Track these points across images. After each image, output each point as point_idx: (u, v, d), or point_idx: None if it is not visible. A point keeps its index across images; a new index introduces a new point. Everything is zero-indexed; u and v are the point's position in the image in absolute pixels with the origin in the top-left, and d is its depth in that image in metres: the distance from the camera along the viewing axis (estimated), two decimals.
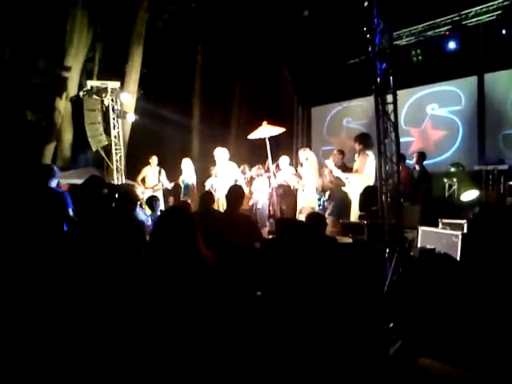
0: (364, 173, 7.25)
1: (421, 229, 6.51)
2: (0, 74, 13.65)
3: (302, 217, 7.91)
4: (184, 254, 2.38)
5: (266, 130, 9.20)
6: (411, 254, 5.91)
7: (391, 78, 5.50)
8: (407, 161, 9.36)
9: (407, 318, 4.83)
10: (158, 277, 2.43)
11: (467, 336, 4.12)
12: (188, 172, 10.09)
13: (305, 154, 8.68)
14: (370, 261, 5.46)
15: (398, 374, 3.83)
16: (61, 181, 7.18)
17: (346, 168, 8.05)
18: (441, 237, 6.21)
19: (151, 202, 6.92)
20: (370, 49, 5.61)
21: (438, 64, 10.80)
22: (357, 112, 12.96)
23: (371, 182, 7.02)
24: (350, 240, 5.92)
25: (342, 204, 8.10)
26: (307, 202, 8.40)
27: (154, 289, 2.41)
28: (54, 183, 5.29)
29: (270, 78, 15.44)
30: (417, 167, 9.09)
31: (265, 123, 9.23)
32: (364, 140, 7.45)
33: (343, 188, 8.07)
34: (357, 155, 7.53)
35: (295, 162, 9.04)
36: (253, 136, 9.44)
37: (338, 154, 8.60)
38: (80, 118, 10.24)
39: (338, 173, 8.14)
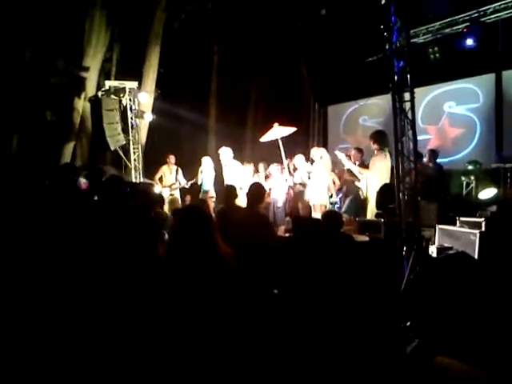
0: (376, 171, 7.24)
1: (438, 227, 6.49)
2: (20, 74, 13.84)
3: (315, 215, 7.95)
4: (202, 252, 2.40)
5: (277, 131, 9.23)
6: (428, 252, 5.90)
7: (408, 75, 5.51)
8: None
9: (424, 317, 4.83)
10: (177, 275, 2.47)
11: (484, 335, 4.11)
12: (207, 171, 10.14)
13: (318, 152, 8.70)
14: (386, 259, 5.47)
15: (416, 373, 3.84)
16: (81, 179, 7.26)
17: (364, 166, 8.05)
18: (458, 235, 6.19)
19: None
20: (387, 47, 5.61)
21: (456, 61, 10.72)
22: (373, 110, 12.92)
23: (387, 181, 7.02)
24: (367, 238, 5.93)
25: (357, 201, 8.12)
26: (318, 200, 8.41)
27: (174, 287, 2.44)
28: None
29: (286, 77, 15.44)
30: (430, 165, 9.04)
31: (276, 125, 9.26)
32: (379, 138, 7.44)
33: (357, 183, 8.09)
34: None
35: (311, 161, 9.04)
36: (265, 138, 9.49)
37: (357, 153, 8.61)
38: (98, 117, 10.36)
39: (349, 165, 8.17)
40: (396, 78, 5.47)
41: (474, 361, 3.68)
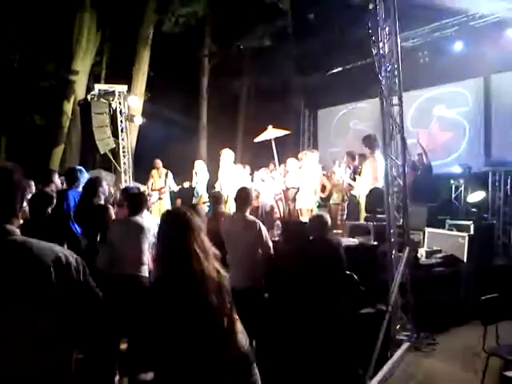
0: (368, 175, 7.24)
1: (427, 230, 6.52)
2: (9, 77, 13.76)
3: (302, 219, 7.96)
4: (176, 263, 2.32)
5: (271, 133, 9.27)
6: (418, 255, 5.92)
7: (397, 80, 5.52)
8: None
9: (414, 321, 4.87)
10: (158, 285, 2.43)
11: None
12: (201, 174, 10.07)
13: (305, 156, 8.73)
14: (375, 262, 5.48)
15: None
16: None
17: (357, 170, 8.09)
18: (447, 238, 6.22)
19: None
20: (375, 51, 5.62)
21: (445, 65, 10.77)
22: (363, 114, 12.95)
23: (381, 181, 7.03)
24: (356, 241, 5.93)
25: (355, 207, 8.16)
26: (305, 204, 8.42)
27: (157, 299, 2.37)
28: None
29: (276, 81, 15.46)
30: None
31: (270, 127, 9.30)
32: (370, 142, 7.45)
33: (352, 192, 8.13)
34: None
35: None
36: (259, 139, 9.51)
37: (351, 158, 8.68)
38: (88, 121, 10.32)
39: (346, 179, 8.21)
40: (384, 82, 5.47)
41: None
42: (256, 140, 9.64)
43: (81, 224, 5.06)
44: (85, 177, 5.53)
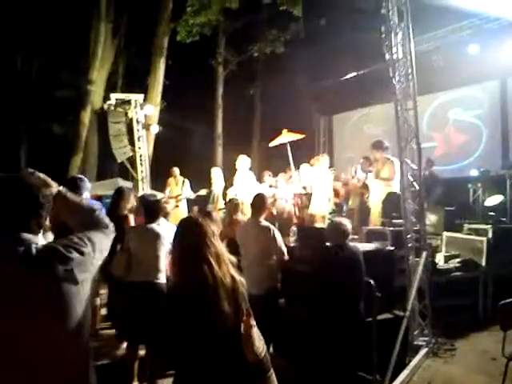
0: (393, 179, 7.19)
1: (445, 235, 6.46)
2: (28, 87, 13.99)
3: (315, 225, 7.95)
4: (189, 269, 2.34)
5: (286, 137, 9.33)
6: (435, 260, 5.88)
7: (411, 84, 5.50)
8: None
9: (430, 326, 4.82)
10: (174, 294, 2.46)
11: None
12: (217, 181, 10.10)
13: (319, 162, 8.73)
14: (393, 267, 5.45)
15: None
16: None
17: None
18: (465, 242, 6.16)
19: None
20: (389, 55, 5.61)
21: (460, 69, 10.70)
22: (378, 118, 12.91)
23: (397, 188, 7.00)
24: (374, 247, 5.90)
25: (366, 212, 8.13)
26: (318, 209, 8.39)
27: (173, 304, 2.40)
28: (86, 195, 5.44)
29: (290, 86, 15.49)
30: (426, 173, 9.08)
31: (285, 131, 9.36)
32: (383, 146, 7.43)
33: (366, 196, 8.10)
34: (378, 162, 7.49)
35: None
36: (274, 143, 9.58)
37: (368, 164, 8.67)
38: (105, 130, 10.43)
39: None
40: (399, 86, 5.47)
41: None
42: (271, 144, 9.70)
43: None
44: (87, 185, 5.57)
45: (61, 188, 1.90)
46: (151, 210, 4.68)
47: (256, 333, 2.26)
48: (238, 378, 2.19)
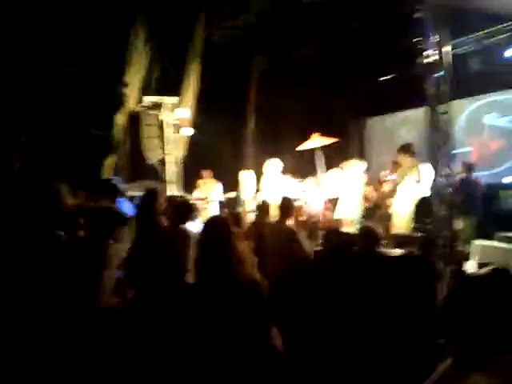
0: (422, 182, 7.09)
1: (476, 242, 6.32)
2: (63, 91, 14.30)
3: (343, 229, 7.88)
4: (213, 266, 2.36)
5: (316, 141, 9.27)
6: (465, 268, 5.75)
7: (445, 88, 5.43)
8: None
9: (460, 335, 4.69)
10: (198, 289, 2.48)
11: None
12: (247, 184, 10.13)
13: (350, 165, 8.66)
14: (422, 275, 5.36)
15: None
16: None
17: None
18: (497, 251, 6.01)
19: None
20: (423, 59, 5.57)
21: (497, 72, 10.48)
22: (412, 123, 12.75)
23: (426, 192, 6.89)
24: (402, 252, 5.82)
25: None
26: (348, 214, 8.29)
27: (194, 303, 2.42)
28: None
29: (323, 90, 15.41)
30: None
31: (315, 135, 9.30)
32: (410, 150, 7.34)
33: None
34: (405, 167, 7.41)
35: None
36: (303, 147, 9.53)
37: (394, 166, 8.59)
38: (138, 132, 10.59)
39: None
40: (431, 90, 5.41)
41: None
42: (299, 148, 9.66)
43: None
44: (121, 187, 5.73)
45: None
46: (180, 211, 4.74)
47: (274, 332, 2.28)
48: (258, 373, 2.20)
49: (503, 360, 3.68)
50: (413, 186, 7.11)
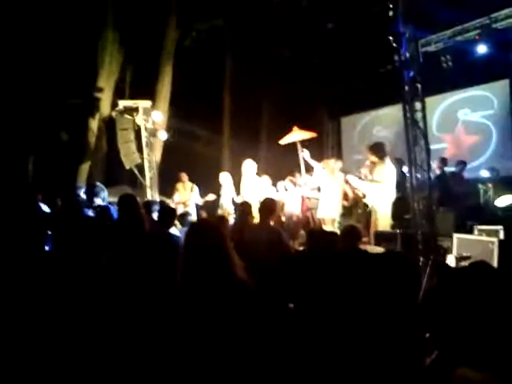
0: (385, 181, 7.14)
1: (455, 236, 6.40)
2: (35, 95, 14.08)
3: (325, 228, 7.91)
4: (214, 266, 2.38)
5: (296, 135, 9.32)
6: (446, 262, 5.81)
7: (419, 85, 5.48)
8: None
9: (443, 328, 4.73)
10: (189, 289, 2.46)
11: (506, 346, 4.02)
12: (226, 186, 10.10)
13: (328, 165, 8.70)
14: (403, 270, 5.39)
15: None
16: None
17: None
18: (476, 244, 6.09)
19: (183, 216, 6.99)
20: (396, 57, 5.60)
21: (469, 69, 10.67)
22: (387, 120, 12.87)
23: (392, 190, 6.99)
24: (382, 250, 5.86)
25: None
26: (329, 213, 8.33)
27: (185, 303, 2.42)
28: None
29: (297, 91, 15.48)
30: (437, 171, 9.06)
31: (295, 128, 9.37)
32: (377, 149, 7.40)
33: (364, 200, 8.06)
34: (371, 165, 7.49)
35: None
36: (284, 141, 9.58)
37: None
38: (113, 136, 10.45)
39: (359, 186, 8.10)
40: (406, 88, 5.45)
41: (495, 372, 3.59)
42: (281, 142, 9.71)
43: None
44: (102, 192, 5.72)
45: None
46: (167, 216, 4.76)
47: None
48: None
49: (489, 353, 3.72)
50: (381, 185, 7.15)
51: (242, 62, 17.61)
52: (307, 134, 9.51)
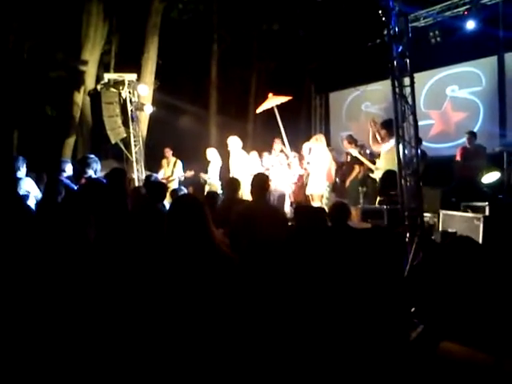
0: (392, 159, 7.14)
1: (442, 212, 6.45)
2: (19, 69, 13.80)
3: (313, 204, 7.94)
4: (193, 240, 2.37)
5: (272, 101, 9.28)
6: (432, 237, 5.86)
7: (408, 60, 5.44)
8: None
9: (429, 303, 4.79)
10: (171, 263, 2.45)
11: (490, 319, 4.08)
12: (213, 162, 10.03)
13: (316, 141, 8.68)
14: (390, 246, 5.44)
15: (421, 358, 3.81)
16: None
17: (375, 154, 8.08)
18: (462, 220, 6.15)
19: (176, 192, 6.95)
20: (385, 32, 5.55)
21: (457, 45, 10.64)
22: (376, 96, 12.84)
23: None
24: (369, 225, 5.90)
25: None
26: (316, 190, 8.35)
27: (168, 275, 2.42)
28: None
29: (286, 65, 15.37)
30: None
31: (270, 95, 9.34)
32: (391, 126, 7.39)
33: (371, 175, 8.06)
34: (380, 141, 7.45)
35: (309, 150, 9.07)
36: (261, 109, 9.55)
37: (349, 144, 8.75)
38: (98, 111, 10.29)
39: (364, 160, 8.14)
40: (395, 63, 5.40)
41: (479, 346, 3.65)
42: (258, 110, 9.71)
43: None
44: (94, 165, 5.70)
45: None
46: (158, 191, 4.77)
47: None
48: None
49: (473, 327, 3.76)
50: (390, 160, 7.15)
51: (229, 35, 17.38)
52: (283, 99, 9.43)
